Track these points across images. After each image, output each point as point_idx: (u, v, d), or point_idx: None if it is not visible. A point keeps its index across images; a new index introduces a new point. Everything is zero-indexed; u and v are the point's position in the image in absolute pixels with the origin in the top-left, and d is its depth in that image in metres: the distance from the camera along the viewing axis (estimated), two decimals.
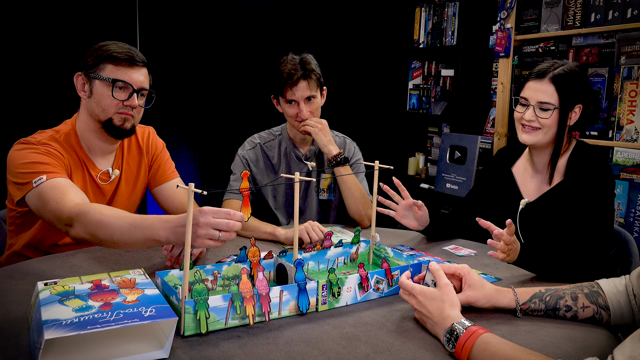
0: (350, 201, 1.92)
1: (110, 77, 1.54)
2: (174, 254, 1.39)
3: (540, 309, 1.19)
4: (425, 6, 3.68)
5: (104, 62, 1.55)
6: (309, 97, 1.89)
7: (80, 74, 1.59)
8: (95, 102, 1.57)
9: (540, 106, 1.61)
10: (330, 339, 1.06)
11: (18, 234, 1.63)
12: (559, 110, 1.61)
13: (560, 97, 1.60)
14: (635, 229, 2.48)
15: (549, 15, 2.86)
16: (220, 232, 1.12)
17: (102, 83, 1.55)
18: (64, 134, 1.61)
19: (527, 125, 1.64)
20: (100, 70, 1.55)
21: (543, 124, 1.62)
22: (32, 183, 1.44)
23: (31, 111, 2.68)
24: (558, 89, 1.60)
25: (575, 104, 1.63)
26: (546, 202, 1.66)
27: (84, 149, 1.64)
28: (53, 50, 2.73)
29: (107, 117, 1.58)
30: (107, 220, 1.27)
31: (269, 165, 2.01)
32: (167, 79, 3.12)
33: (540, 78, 1.63)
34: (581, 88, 1.63)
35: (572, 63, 1.67)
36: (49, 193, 1.41)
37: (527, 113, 1.63)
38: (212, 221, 1.11)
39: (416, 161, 3.89)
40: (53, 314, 0.93)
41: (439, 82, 3.67)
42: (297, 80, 1.85)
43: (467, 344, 0.98)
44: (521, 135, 1.67)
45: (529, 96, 1.64)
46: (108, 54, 1.55)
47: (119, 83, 1.55)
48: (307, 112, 1.89)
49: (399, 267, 1.31)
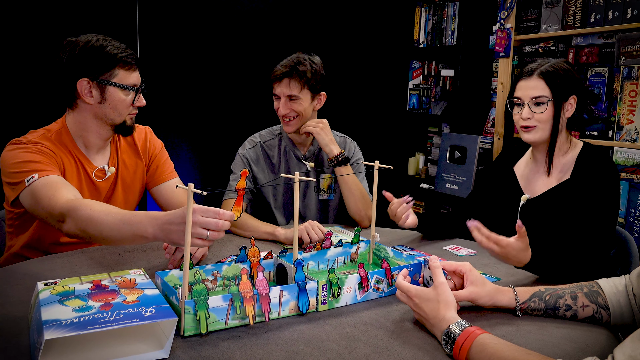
0: (351, 201, 1.92)
1: (126, 84, 1.57)
2: (176, 258, 1.39)
3: (540, 308, 1.19)
4: (425, 6, 3.68)
5: (116, 68, 1.55)
6: (291, 96, 1.89)
7: (87, 80, 1.54)
8: (110, 107, 1.58)
9: (534, 101, 1.65)
10: (330, 339, 1.06)
11: (17, 235, 1.63)
12: (552, 102, 1.64)
13: (551, 90, 1.64)
14: (635, 229, 2.48)
15: (549, 15, 2.86)
16: (208, 232, 1.11)
17: (116, 89, 1.56)
18: (55, 132, 1.61)
19: (526, 125, 1.67)
20: (113, 77, 1.55)
21: (540, 119, 1.65)
22: (24, 182, 1.44)
23: (31, 111, 2.68)
24: (548, 82, 1.64)
25: (569, 94, 1.66)
26: (551, 198, 1.67)
27: (77, 146, 1.63)
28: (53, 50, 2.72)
29: (122, 119, 1.61)
30: (97, 216, 1.27)
31: (269, 165, 2.01)
32: (167, 79, 3.12)
33: (529, 76, 1.67)
34: (571, 79, 1.66)
35: (560, 59, 1.70)
36: (41, 191, 1.41)
37: (523, 112, 1.66)
38: (200, 220, 1.10)
39: (416, 161, 3.89)
40: (53, 314, 0.93)
41: (439, 82, 3.67)
42: (280, 76, 1.88)
43: (465, 345, 0.98)
44: (523, 135, 1.70)
45: (522, 95, 1.67)
46: (119, 59, 1.55)
47: (132, 88, 1.58)
48: (285, 110, 1.90)
49: (399, 267, 1.31)
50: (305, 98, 1.91)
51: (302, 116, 1.92)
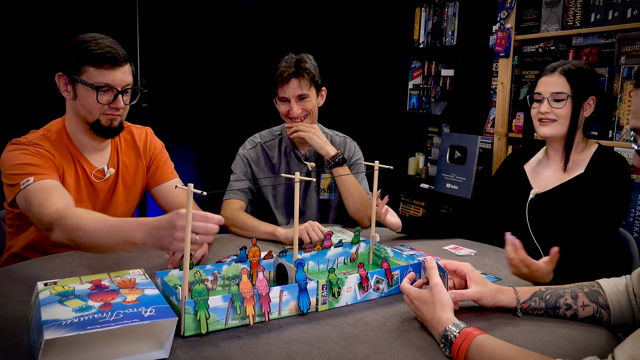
0: (350, 201, 1.92)
1: (94, 83, 1.50)
2: (175, 258, 1.39)
3: (540, 307, 1.19)
4: (425, 6, 3.68)
5: (85, 65, 1.49)
6: (301, 95, 1.89)
7: (61, 74, 1.54)
8: (80, 105, 1.55)
9: (554, 97, 1.69)
10: (330, 339, 1.06)
11: (17, 235, 1.63)
12: (572, 99, 1.67)
13: (572, 87, 1.67)
14: (635, 229, 2.48)
15: (549, 15, 2.86)
16: (198, 235, 1.10)
17: (85, 87, 1.51)
18: (55, 132, 1.61)
19: (544, 118, 1.71)
20: (83, 74, 1.50)
21: (558, 115, 1.69)
22: (20, 185, 1.44)
23: (31, 111, 2.68)
24: (569, 80, 1.68)
25: (589, 95, 1.69)
26: (561, 193, 1.69)
27: (76, 147, 1.63)
28: (54, 50, 2.73)
29: (94, 119, 1.56)
30: (85, 224, 1.27)
31: (269, 165, 2.01)
32: (167, 79, 3.12)
33: (551, 73, 1.71)
34: (592, 80, 1.70)
35: (582, 60, 1.73)
36: (34, 196, 1.41)
37: (542, 106, 1.70)
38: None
39: (416, 161, 3.89)
40: (53, 314, 0.93)
41: (439, 82, 3.67)
42: (288, 77, 1.86)
43: (463, 347, 0.97)
44: (539, 129, 1.73)
45: (543, 90, 1.71)
46: (89, 55, 1.48)
47: (103, 88, 1.51)
48: (298, 110, 1.90)
49: (399, 267, 1.31)
50: (313, 95, 1.93)
51: (311, 114, 1.93)
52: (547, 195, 1.71)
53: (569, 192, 1.68)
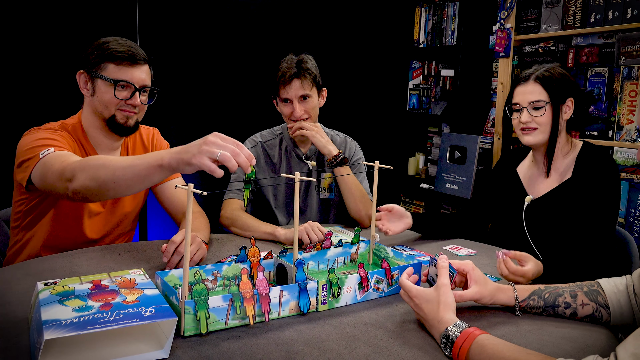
0: (351, 201, 1.92)
1: (112, 78, 1.56)
2: (173, 261, 1.39)
3: (539, 305, 1.19)
4: (425, 6, 3.68)
5: (105, 62, 1.57)
6: (303, 96, 1.89)
7: (82, 72, 1.60)
8: (97, 100, 1.59)
9: (533, 105, 1.69)
10: (330, 339, 1.06)
11: (28, 231, 1.62)
12: (551, 105, 1.67)
13: (548, 93, 1.67)
14: (635, 229, 2.48)
15: (549, 15, 2.86)
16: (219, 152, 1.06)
17: (104, 82, 1.57)
18: (71, 125, 1.64)
19: (526, 127, 1.70)
20: (102, 70, 1.57)
21: (539, 123, 1.68)
22: (39, 155, 1.43)
23: (31, 110, 2.68)
24: (545, 87, 1.68)
25: (566, 97, 1.70)
26: (554, 198, 1.69)
27: (90, 143, 1.66)
28: (54, 49, 2.73)
29: (110, 114, 1.60)
30: (110, 161, 1.24)
31: (270, 164, 2.01)
32: (167, 79, 3.11)
33: (525, 81, 1.71)
34: (567, 82, 1.70)
35: (554, 63, 1.75)
36: (54, 159, 1.40)
37: (522, 116, 1.70)
38: (219, 142, 1.08)
39: (416, 161, 3.89)
40: (53, 314, 0.93)
41: (439, 82, 3.67)
42: (290, 78, 1.86)
43: (464, 347, 0.97)
44: (523, 139, 1.73)
45: (520, 100, 1.71)
46: (109, 53, 1.56)
47: (121, 83, 1.57)
48: (300, 111, 1.90)
49: (399, 267, 1.31)
50: (315, 96, 1.93)
51: (313, 115, 1.94)
52: (542, 201, 1.72)
53: (562, 197, 1.68)
